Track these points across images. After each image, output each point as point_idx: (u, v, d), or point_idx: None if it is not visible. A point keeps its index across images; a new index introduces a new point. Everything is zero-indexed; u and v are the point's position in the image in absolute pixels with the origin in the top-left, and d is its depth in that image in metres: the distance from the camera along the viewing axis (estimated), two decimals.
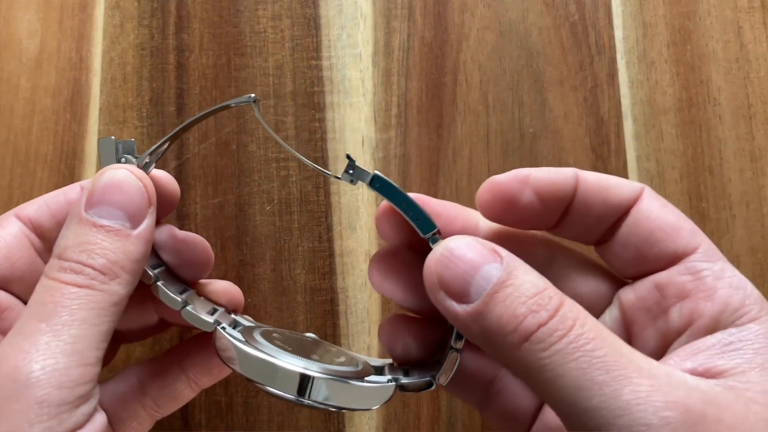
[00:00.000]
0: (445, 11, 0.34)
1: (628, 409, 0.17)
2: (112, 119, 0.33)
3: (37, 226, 0.23)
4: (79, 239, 0.20)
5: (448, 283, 0.19)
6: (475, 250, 0.20)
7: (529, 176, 0.21)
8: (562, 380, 0.17)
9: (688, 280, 0.20)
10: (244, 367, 0.21)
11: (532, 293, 0.19)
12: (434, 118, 0.33)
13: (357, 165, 0.22)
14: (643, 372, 0.17)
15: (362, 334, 0.31)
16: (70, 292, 0.19)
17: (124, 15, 0.34)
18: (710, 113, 0.32)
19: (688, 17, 0.33)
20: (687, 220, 0.21)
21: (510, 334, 0.18)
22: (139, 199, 0.21)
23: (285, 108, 0.33)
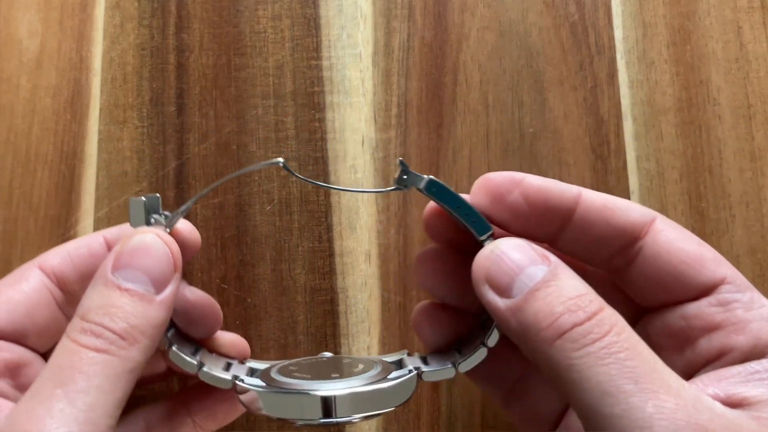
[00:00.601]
0: (445, 11, 0.34)
1: (649, 422, 0.17)
2: (113, 119, 0.33)
3: (60, 278, 0.23)
4: (103, 301, 0.20)
5: (494, 277, 0.20)
6: (524, 251, 0.20)
7: (522, 179, 0.21)
8: (588, 383, 0.18)
9: (718, 311, 0.20)
10: (271, 410, 0.22)
11: (573, 295, 0.19)
12: (434, 118, 0.33)
13: (411, 170, 0.22)
14: (671, 390, 0.17)
15: (362, 334, 0.31)
16: (89, 357, 0.19)
17: (124, 15, 0.34)
18: (710, 113, 0.32)
19: (688, 17, 0.33)
20: (708, 248, 0.21)
21: (544, 330, 0.19)
22: (165, 264, 0.21)
23: (285, 108, 0.33)
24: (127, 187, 0.32)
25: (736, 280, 0.20)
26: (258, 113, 0.33)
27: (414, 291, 0.31)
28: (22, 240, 0.32)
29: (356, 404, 0.21)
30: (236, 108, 0.33)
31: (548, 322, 0.19)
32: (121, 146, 0.33)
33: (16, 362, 0.22)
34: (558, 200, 0.21)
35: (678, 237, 0.21)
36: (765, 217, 0.32)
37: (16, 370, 0.22)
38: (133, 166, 0.33)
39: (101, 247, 0.24)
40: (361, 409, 0.22)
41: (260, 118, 0.33)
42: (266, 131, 0.33)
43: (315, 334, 0.31)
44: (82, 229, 0.32)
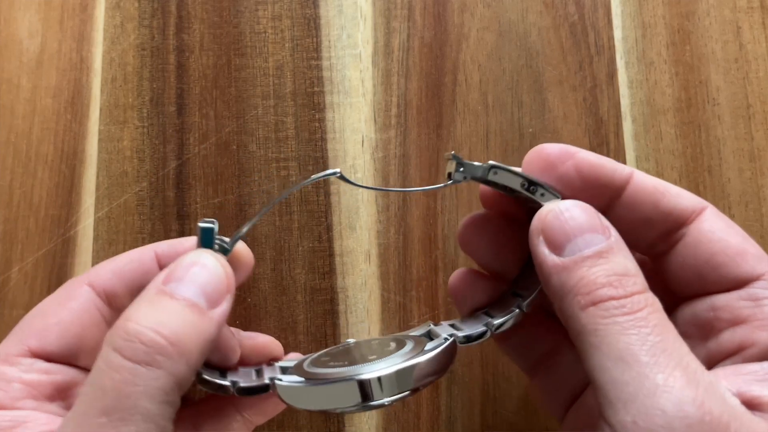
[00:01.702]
0: (444, 11, 0.34)
1: (654, 392, 0.17)
2: (113, 119, 0.33)
3: (110, 296, 0.23)
4: (152, 307, 0.19)
5: (551, 233, 0.21)
6: (588, 216, 0.21)
7: (577, 152, 0.22)
8: (608, 347, 0.18)
9: (747, 306, 0.20)
10: (316, 404, 0.21)
11: (621, 272, 0.19)
12: (434, 118, 0.33)
13: (466, 161, 0.22)
14: (687, 370, 0.17)
15: (362, 333, 0.31)
16: (132, 374, 0.18)
17: (124, 15, 0.34)
18: (709, 113, 0.33)
19: (687, 18, 0.33)
20: (753, 243, 0.21)
21: (582, 296, 0.19)
22: (219, 282, 0.21)
23: (285, 108, 0.33)
24: (127, 187, 0.32)
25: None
26: (258, 113, 0.33)
27: (414, 291, 0.32)
28: (23, 240, 0.32)
29: (401, 380, 0.21)
30: (236, 108, 0.33)
31: (588, 290, 0.19)
32: (121, 146, 0.33)
33: (67, 383, 0.22)
34: (610, 177, 0.21)
35: (723, 228, 0.21)
36: (764, 217, 0.32)
37: (67, 391, 0.22)
38: (134, 166, 0.33)
39: (153, 263, 0.23)
40: (405, 384, 0.21)
41: (260, 118, 0.33)
42: (266, 131, 0.33)
43: (315, 334, 0.31)
44: (83, 229, 0.32)
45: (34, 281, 0.32)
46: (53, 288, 0.31)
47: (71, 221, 0.32)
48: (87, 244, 0.32)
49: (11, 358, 0.21)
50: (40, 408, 0.21)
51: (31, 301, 0.31)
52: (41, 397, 0.21)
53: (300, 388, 0.21)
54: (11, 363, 0.21)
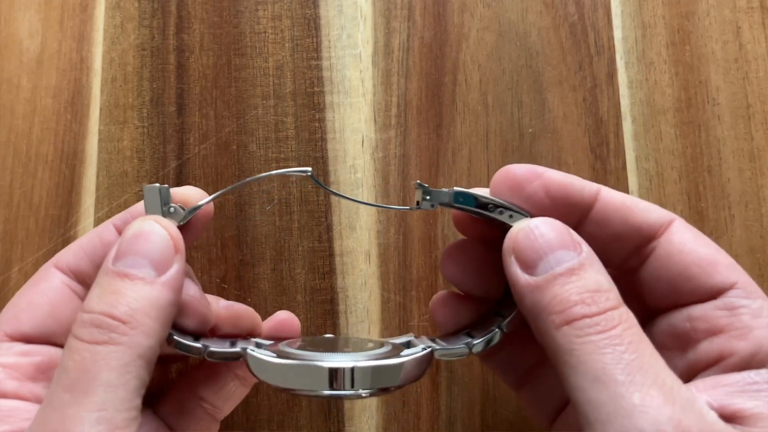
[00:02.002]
0: (444, 11, 0.34)
1: (631, 412, 0.17)
2: (113, 119, 0.33)
3: (77, 273, 0.23)
4: (104, 290, 0.20)
5: (522, 252, 0.21)
6: (559, 233, 0.21)
7: (544, 172, 0.22)
8: (583, 367, 0.18)
9: (723, 315, 0.20)
10: (281, 381, 0.21)
11: (593, 288, 0.19)
12: (434, 118, 0.33)
13: (432, 189, 0.23)
14: (663, 387, 0.17)
15: (362, 333, 0.31)
16: (92, 352, 0.19)
17: (124, 15, 0.34)
18: (709, 113, 0.33)
19: (687, 18, 0.33)
20: (723, 253, 0.21)
21: (556, 314, 0.19)
22: (165, 246, 0.21)
23: (285, 108, 0.33)
24: (127, 187, 0.32)
25: (748, 286, 0.20)
26: (258, 113, 0.33)
27: (414, 291, 0.32)
28: (23, 240, 0.32)
29: (371, 376, 0.21)
30: (236, 108, 0.33)
31: (561, 308, 0.19)
32: (121, 146, 0.33)
33: (48, 363, 0.22)
34: (578, 195, 0.22)
35: (693, 239, 0.21)
36: (764, 217, 0.32)
37: (50, 371, 0.22)
38: (134, 166, 0.33)
39: (112, 234, 0.24)
40: (374, 382, 0.21)
41: (260, 118, 0.33)
42: (266, 131, 0.33)
43: (315, 334, 0.31)
44: (83, 229, 0.32)
45: None
46: None
47: (71, 221, 0.32)
48: None
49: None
50: (23, 389, 0.21)
51: None
52: (23, 378, 0.21)
53: (269, 362, 0.21)
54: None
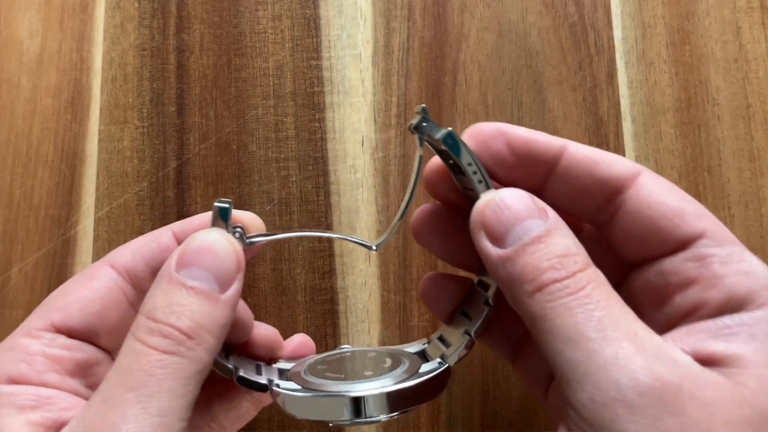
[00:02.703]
0: (444, 11, 0.34)
1: (605, 366, 0.17)
2: (113, 119, 0.33)
3: (132, 275, 0.23)
4: (168, 299, 0.20)
5: (490, 226, 0.21)
6: (524, 203, 0.21)
7: (508, 129, 0.22)
8: (557, 330, 0.18)
9: (693, 266, 0.20)
10: (310, 414, 0.22)
11: (561, 253, 0.19)
12: (434, 118, 0.33)
13: (431, 119, 0.22)
14: (635, 339, 0.18)
15: (362, 333, 0.31)
16: (158, 359, 0.19)
17: (124, 15, 0.34)
18: (709, 113, 0.33)
19: (687, 18, 0.33)
20: (692, 202, 0.20)
21: (528, 283, 0.19)
22: (229, 263, 0.21)
23: (285, 108, 0.33)
24: (127, 187, 0.32)
25: (718, 234, 0.20)
26: (258, 113, 0.33)
27: (414, 291, 0.32)
28: (23, 240, 0.32)
29: (393, 402, 0.22)
30: (236, 108, 0.33)
31: (532, 277, 0.19)
32: (121, 146, 0.33)
33: (88, 361, 0.22)
34: (542, 151, 0.22)
35: (660, 191, 0.21)
36: (764, 217, 0.32)
37: (88, 369, 0.22)
38: (134, 166, 0.33)
39: (170, 241, 0.24)
40: (396, 407, 0.22)
41: (260, 118, 0.33)
42: (266, 131, 0.33)
43: (315, 334, 0.31)
44: (83, 229, 0.32)
45: (34, 281, 0.32)
46: (53, 288, 0.31)
47: (71, 221, 0.32)
48: (87, 245, 0.32)
49: (34, 331, 0.21)
50: (63, 383, 0.21)
51: (31, 301, 0.31)
52: (64, 372, 0.21)
53: (297, 398, 0.22)
54: (34, 336, 0.21)
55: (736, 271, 0.19)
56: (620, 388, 0.17)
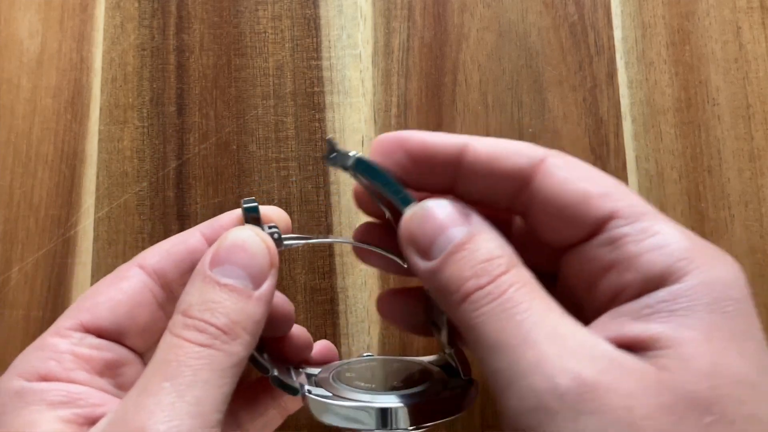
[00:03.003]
0: (444, 11, 0.34)
1: (525, 373, 0.17)
2: (113, 119, 0.33)
3: (160, 276, 0.23)
4: (203, 297, 0.20)
5: (416, 240, 0.21)
6: (445, 211, 0.20)
7: (408, 137, 0.22)
8: (483, 339, 0.18)
9: (608, 251, 0.19)
10: (338, 421, 0.22)
11: (484, 258, 0.19)
12: (434, 118, 0.33)
13: (339, 148, 0.22)
14: (555, 338, 0.17)
15: (362, 333, 0.31)
16: (194, 351, 0.19)
17: (124, 15, 0.34)
18: (709, 113, 0.33)
19: (687, 18, 0.33)
20: (598, 182, 0.20)
21: (454, 293, 0.19)
22: (262, 260, 0.21)
23: (285, 108, 0.33)
24: (127, 187, 0.32)
25: (627, 211, 0.19)
26: (258, 113, 0.33)
27: None
28: (22, 240, 0.32)
29: (422, 415, 0.22)
30: (236, 108, 0.33)
31: (456, 287, 0.19)
32: (121, 146, 0.33)
33: (116, 361, 0.22)
34: (441, 153, 0.21)
35: (564, 178, 0.20)
36: (764, 217, 0.32)
37: (116, 369, 0.22)
38: (134, 166, 0.33)
39: (199, 242, 0.24)
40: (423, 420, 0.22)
41: (260, 118, 0.33)
42: (266, 131, 0.33)
43: (315, 334, 0.31)
44: (83, 229, 0.32)
45: (34, 281, 0.32)
46: (53, 288, 0.31)
47: (71, 221, 0.32)
48: (87, 245, 0.32)
49: (63, 331, 0.21)
50: (92, 382, 0.21)
51: (31, 301, 0.31)
52: (92, 371, 0.21)
53: (327, 405, 0.22)
54: (63, 335, 0.21)
55: (649, 248, 0.18)
56: (539, 395, 0.17)
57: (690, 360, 0.17)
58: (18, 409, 0.20)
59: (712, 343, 0.17)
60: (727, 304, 0.17)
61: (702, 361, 0.17)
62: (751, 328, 0.17)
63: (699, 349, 0.17)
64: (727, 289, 0.17)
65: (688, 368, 0.17)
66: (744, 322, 0.17)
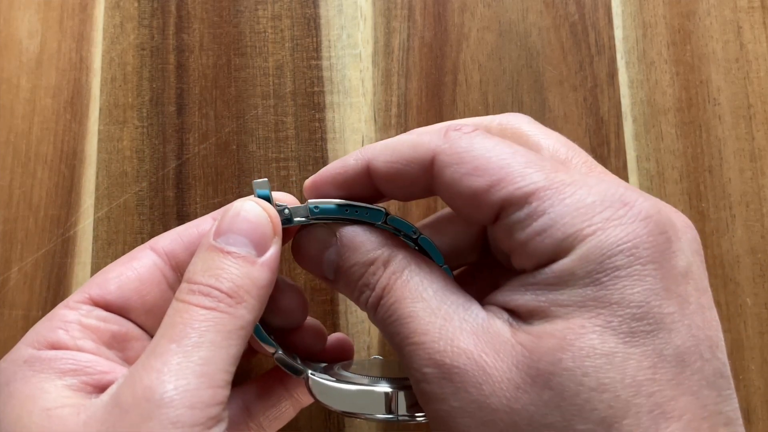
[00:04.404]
0: (445, 11, 0.34)
1: (407, 366, 0.19)
2: (113, 119, 0.33)
3: (171, 257, 0.24)
4: (207, 264, 0.21)
5: (310, 266, 0.23)
6: (314, 240, 0.23)
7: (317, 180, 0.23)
8: (389, 343, 0.21)
9: (504, 238, 0.19)
10: (341, 404, 0.22)
11: (361, 273, 0.21)
12: (434, 118, 0.33)
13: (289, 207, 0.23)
14: (426, 326, 0.19)
15: (362, 334, 0.31)
16: (199, 314, 0.20)
17: (124, 15, 0.34)
18: (710, 113, 0.32)
19: (688, 17, 0.33)
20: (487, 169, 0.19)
21: (356, 302, 0.22)
22: (265, 228, 0.22)
23: (285, 108, 0.33)
24: (126, 187, 0.32)
25: (517, 195, 0.19)
26: (258, 113, 0.33)
27: None
28: (22, 240, 0.32)
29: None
30: (236, 108, 0.33)
31: (354, 299, 0.22)
32: (121, 146, 0.33)
33: (124, 335, 0.23)
34: (350, 181, 0.22)
35: (451, 179, 0.20)
36: (765, 217, 0.31)
37: (124, 343, 0.23)
38: (133, 166, 0.33)
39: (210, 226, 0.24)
40: None
41: (260, 118, 0.33)
42: (266, 131, 0.33)
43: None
44: (82, 230, 0.32)
45: (34, 281, 0.32)
46: (53, 288, 0.31)
47: (71, 221, 0.32)
48: (86, 245, 0.32)
49: (72, 303, 0.22)
50: (100, 351, 0.22)
51: (31, 301, 0.31)
52: (100, 342, 0.22)
53: (330, 386, 0.22)
54: (71, 308, 0.22)
55: (534, 233, 0.18)
56: (417, 382, 0.19)
57: (543, 335, 0.17)
58: (27, 377, 0.20)
59: (572, 318, 0.17)
60: (602, 276, 0.17)
61: (553, 336, 0.17)
62: (631, 293, 0.17)
63: (557, 324, 0.17)
64: (606, 258, 0.17)
65: (539, 343, 0.17)
66: (621, 291, 0.17)
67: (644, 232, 0.18)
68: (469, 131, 0.20)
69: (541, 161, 0.19)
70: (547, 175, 0.19)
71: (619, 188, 0.18)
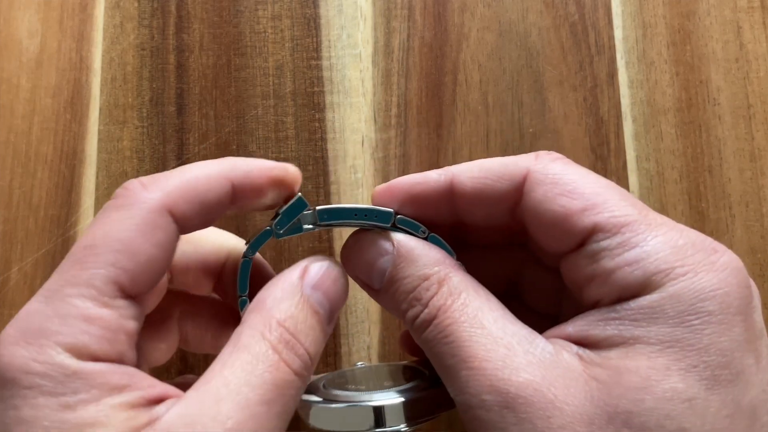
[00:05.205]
0: (445, 11, 0.34)
1: (461, 391, 0.18)
2: (112, 119, 0.33)
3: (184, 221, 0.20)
4: (299, 315, 0.20)
5: (358, 272, 0.22)
6: (372, 245, 0.22)
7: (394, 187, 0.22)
8: (433, 362, 0.20)
9: (586, 264, 0.19)
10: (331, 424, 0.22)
11: (413, 287, 0.20)
12: (434, 118, 0.33)
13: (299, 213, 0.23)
14: (488, 353, 0.18)
15: (362, 334, 0.31)
16: (291, 380, 0.19)
17: (124, 15, 0.34)
18: (710, 113, 0.32)
19: (688, 17, 0.33)
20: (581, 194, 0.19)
21: (401, 316, 0.21)
22: (342, 298, 0.22)
23: (285, 108, 0.33)
24: None
25: (609, 223, 0.19)
26: (258, 113, 0.33)
27: None
28: (22, 240, 0.32)
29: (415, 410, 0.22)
30: (236, 108, 0.33)
31: (400, 313, 0.21)
32: (121, 146, 0.33)
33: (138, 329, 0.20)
34: (429, 195, 0.22)
35: (544, 197, 0.20)
36: (765, 217, 0.32)
37: None
38: (133, 166, 0.33)
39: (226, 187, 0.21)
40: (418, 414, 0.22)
41: (260, 118, 0.33)
42: (266, 131, 0.33)
43: None
44: (82, 230, 0.32)
45: (34, 281, 0.32)
46: None
47: (71, 221, 0.32)
48: None
49: (108, 299, 0.18)
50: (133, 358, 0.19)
51: None
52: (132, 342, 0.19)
53: (318, 408, 0.22)
54: (109, 306, 0.18)
55: (623, 263, 0.18)
56: (471, 410, 0.18)
57: (625, 371, 0.17)
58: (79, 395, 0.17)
59: (657, 357, 0.17)
60: (693, 318, 0.17)
61: (637, 374, 0.17)
62: (719, 340, 0.17)
63: (640, 361, 0.17)
64: (699, 301, 0.17)
65: (620, 380, 0.17)
66: (710, 336, 0.17)
67: (734, 282, 0.18)
68: (560, 157, 0.21)
69: (633, 198, 0.20)
70: (640, 211, 0.19)
71: (705, 236, 0.19)
